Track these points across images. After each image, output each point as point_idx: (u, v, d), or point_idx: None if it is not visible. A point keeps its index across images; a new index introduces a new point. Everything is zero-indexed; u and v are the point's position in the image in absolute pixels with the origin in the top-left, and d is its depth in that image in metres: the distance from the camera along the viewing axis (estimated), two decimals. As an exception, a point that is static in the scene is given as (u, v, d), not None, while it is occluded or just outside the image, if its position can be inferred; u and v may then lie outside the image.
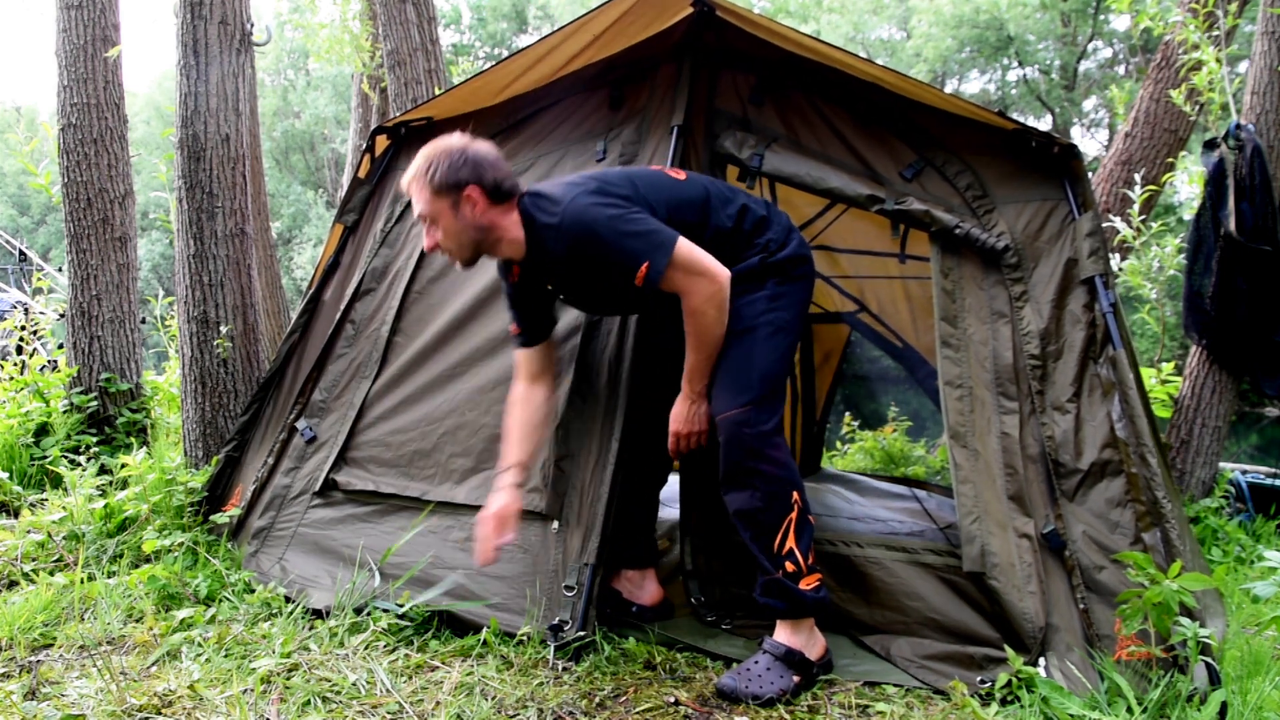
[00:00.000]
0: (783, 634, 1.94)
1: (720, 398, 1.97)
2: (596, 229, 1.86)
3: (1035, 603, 1.99)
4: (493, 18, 30.08)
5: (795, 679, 1.87)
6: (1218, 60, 3.62)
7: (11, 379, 4.14)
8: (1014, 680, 1.86)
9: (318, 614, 2.26)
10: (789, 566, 1.90)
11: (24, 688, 1.81)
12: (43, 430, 3.78)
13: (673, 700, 1.84)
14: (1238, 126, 3.40)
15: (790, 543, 1.91)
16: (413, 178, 1.93)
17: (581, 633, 2.03)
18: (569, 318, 2.43)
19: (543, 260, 1.99)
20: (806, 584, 1.91)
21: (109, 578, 2.50)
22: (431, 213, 1.93)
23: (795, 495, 1.92)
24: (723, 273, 1.91)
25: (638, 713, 1.80)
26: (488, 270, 2.62)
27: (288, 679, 1.87)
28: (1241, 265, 3.35)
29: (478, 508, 2.34)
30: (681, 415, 2.06)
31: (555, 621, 2.05)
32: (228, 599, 2.34)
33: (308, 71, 29.19)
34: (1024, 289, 2.27)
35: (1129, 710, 1.73)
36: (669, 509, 2.64)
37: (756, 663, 1.89)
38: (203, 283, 3.25)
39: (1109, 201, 4.57)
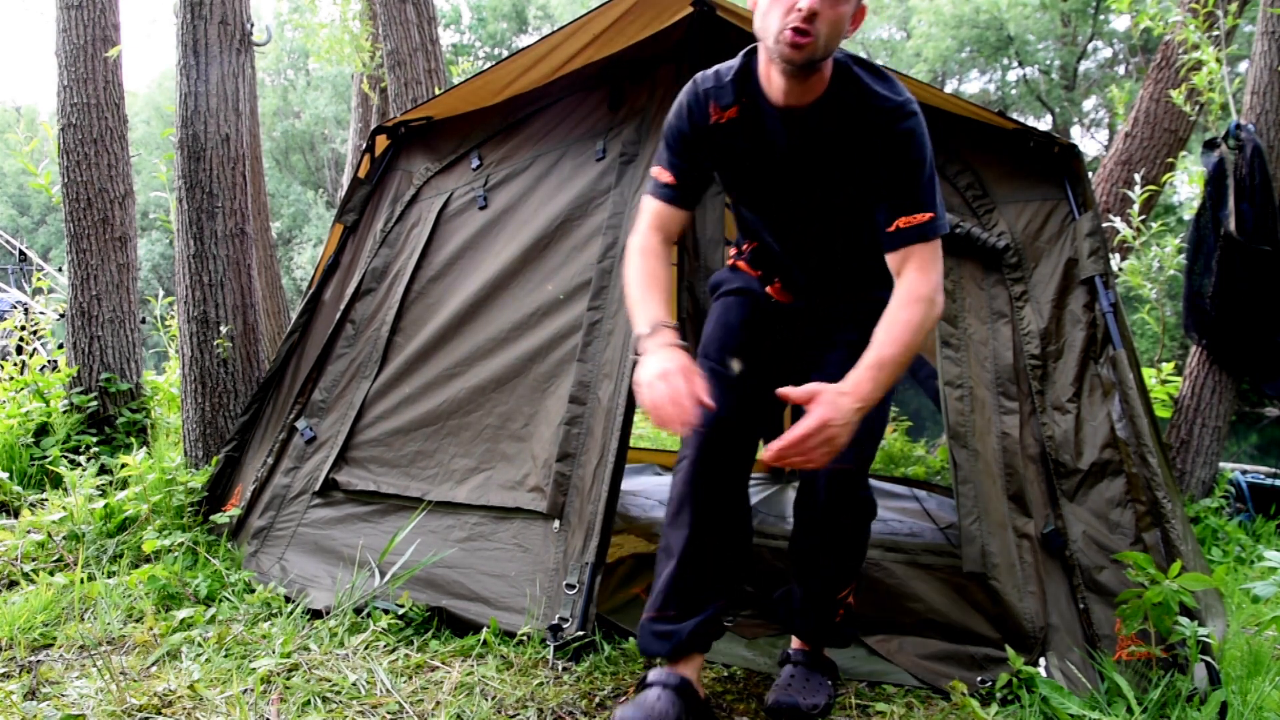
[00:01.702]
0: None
1: (848, 448, 1.51)
2: (924, 143, 1.58)
3: (1035, 603, 1.99)
4: (493, 18, 30.08)
5: (829, 680, 1.86)
6: (1218, 60, 3.62)
7: (11, 379, 4.14)
8: (1014, 680, 1.86)
9: (317, 614, 2.26)
10: (841, 612, 1.86)
11: (24, 688, 1.80)
12: (43, 430, 3.78)
13: (673, 700, 1.84)
14: (1238, 126, 3.40)
15: (849, 595, 1.86)
16: None
17: (581, 632, 2.03)
18: (569, 316, 2.43)
19: (829, 121, 1.59)
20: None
21: (109, 578, 2.49)
22: None
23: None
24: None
25: (638, 713, 1.79)
26: (487, 270, 2.62)
27: (288, 679, 1.87)
28: (1241, 265, 3.35)
29: (479, 507, 2.35)
30: (836, 415, 1.42)
31: (555, 620, 2.05)
32: (228, 599, 2.33)
33: (308, 71, 29.19)
34: (1024, 289, 2.27)
35: (1129, 710, 1.73)
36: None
37: (794, 676, 1.83)
38: (203, 283, 3.25)
39: (1109, 201, 4.57)
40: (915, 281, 1.57)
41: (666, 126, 1.74)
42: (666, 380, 1.45)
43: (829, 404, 1.43)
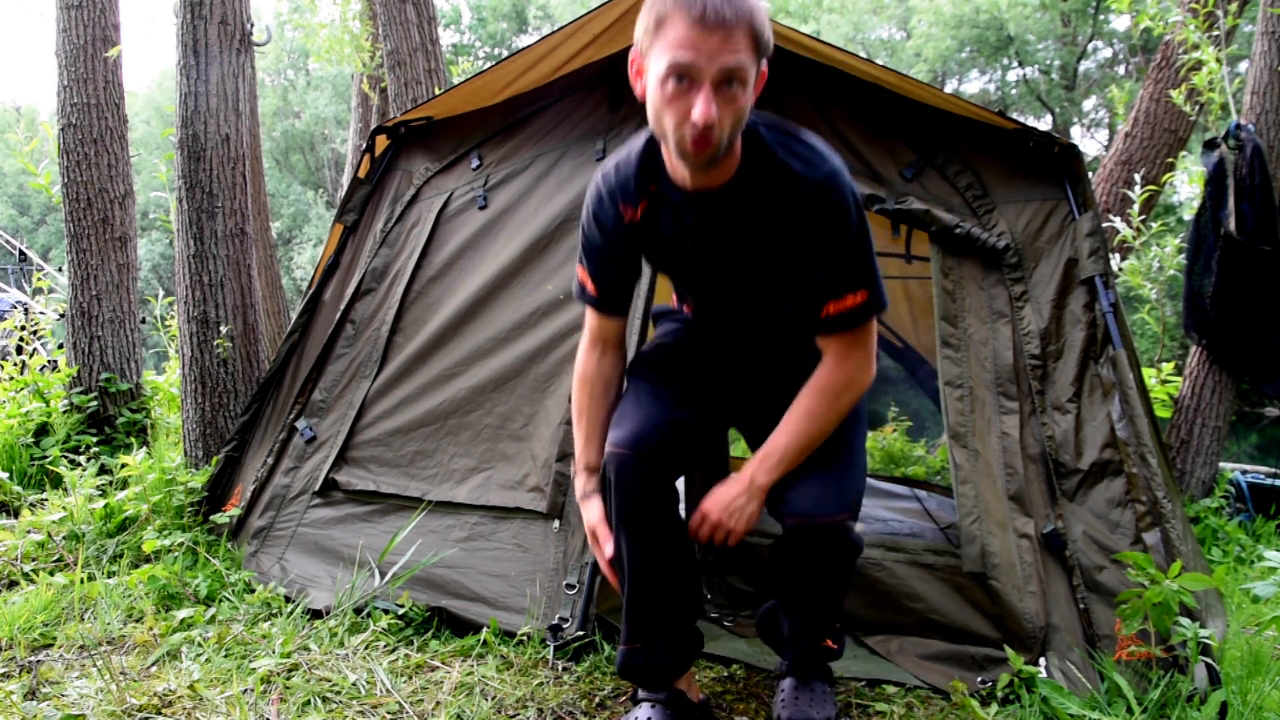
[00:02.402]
0: None
1: (826, 495, 1.52)
2: (852, 215, 1.44)
3: (1035, 603, 1.99)
4: (493, 18, 30.08)
5: (828, 685, 1.79)
6: (1218, 60, 3.62)
7: (11, 379, 4.14)
8: (1014, 680, 1.86)
9: (317, 614, 2.26)
10: (830, 643, 1.75)
11: (24, 688, 1.80)
12: (43, 430, 3.78)
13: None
14: (1238, 126, 3.40)
15: (838, 622, 1.77)
16: (734, 18, 1.26)
17: (581, 632, 2.03)
18: (569, 316, 2.43)
19: (744, 201, 1.47)
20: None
21: (109, 578, 2.49)
22: (740, 72, 1.30)
23: None
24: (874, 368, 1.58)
25: (638, 713, 1.79)
26: (487, 270, 2.62)
27: (288, 679, 1.87)
28: (1241, 265, 3.35)
29: (479, 507, 2.35)
30: (727, 503, 1.54)
31: (555, 620, 2.05)
32: (228, 599, 2.34)
33: (308, 71, 29.20)
34: (1024, 289, 2.27)
35: (1129, 710, 1.73)
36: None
37: (797, 689, 1.72)
38: (203, 283, 3.25)
39: (1109, 201, 4.57)
40: (831, 369, 1.53)
41: (581, 233, 1.68)
42: (594, 539, 1.68)
43: (711, 497, 1.56)
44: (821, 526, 1.50)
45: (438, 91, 4.51)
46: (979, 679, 1.92)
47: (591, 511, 1.69)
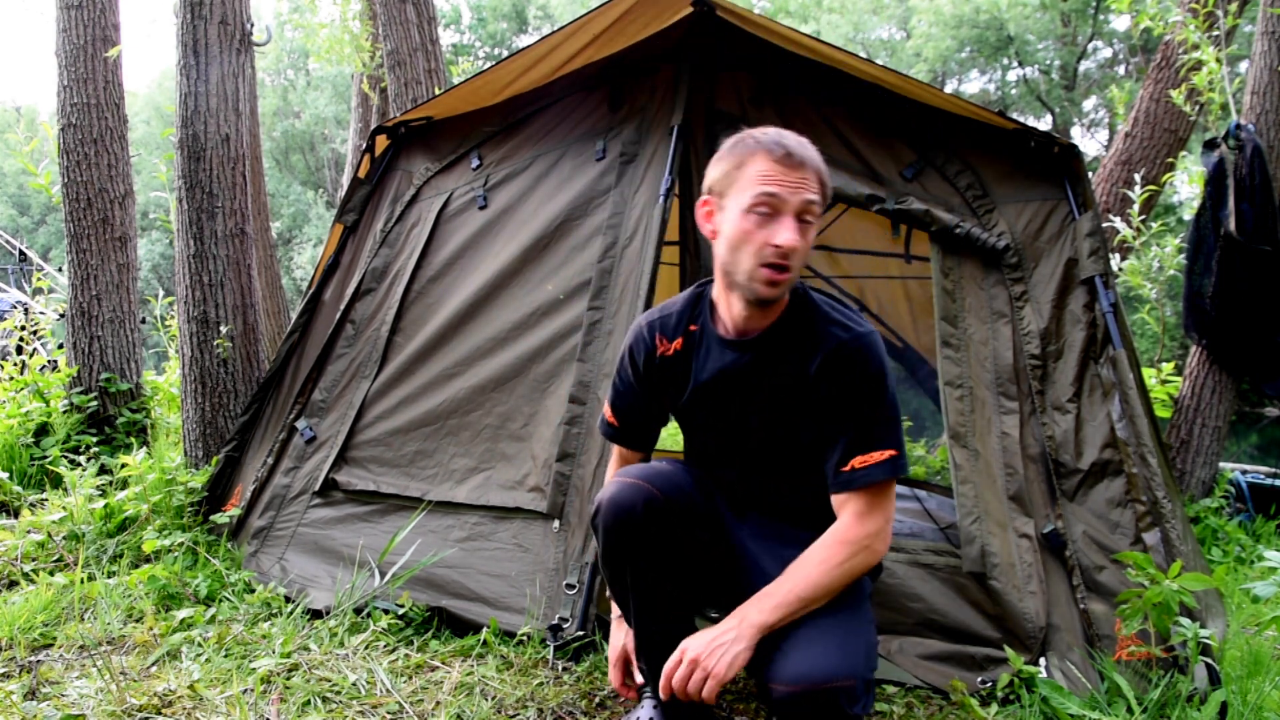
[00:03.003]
0: None
1: (822, 656, 1.32)
2: (886, 373, 1.48)
3: (1036, 603, 1.99)
4: (493, 18, 30.08)
5: None
6: (1218, 60, 3.62)
7: (11, 379, 4.14)
8: (1014, 680, 1.86)
9: (317, 614, 2.26)
10: None
11: (24, 688, 1.80)
12: (43, 430, 3.78)
13: (673, 700, 1.84)
14: (1238, 126, 3.40)
15: None
16: (810, 161, 1.43)
17: (581, 632, 2.03)
18: (569, 316, 2.43)
19: (781, 345, 1.52)
20: None
21: (109, 578, 2.49)
22: (814, 208, 1.43)
23: None
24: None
25: (638, 713, 1.79)
26: (487, 270, 2.62)
27: (288, 679, 1.87)
28: (1241, 265, 3.35)
29: (479, 507, 2.35)
30: (711, 639, 1.36)
31: (555, 620, 2.05)
32: (228, 599, 2.33)
33: (308, 71, 29.19)
34: (1024, 289, 2.27)
35: (1129, 710, 1.73)
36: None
37: None
38: (203, 283, 3.25)
39: (1109, 201, 4.57)
40: (850, 524, 1.44)
41: (616, 369, 1.71)
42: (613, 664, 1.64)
43: (701, 637, 1.37)
44: (815, 691, 1.27)
45: (438, 91, 4.51)
46: (979, 679, 1.92)
47: (616, 637, 1.65)
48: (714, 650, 1.34)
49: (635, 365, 1.65)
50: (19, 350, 5.38)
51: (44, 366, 4.40)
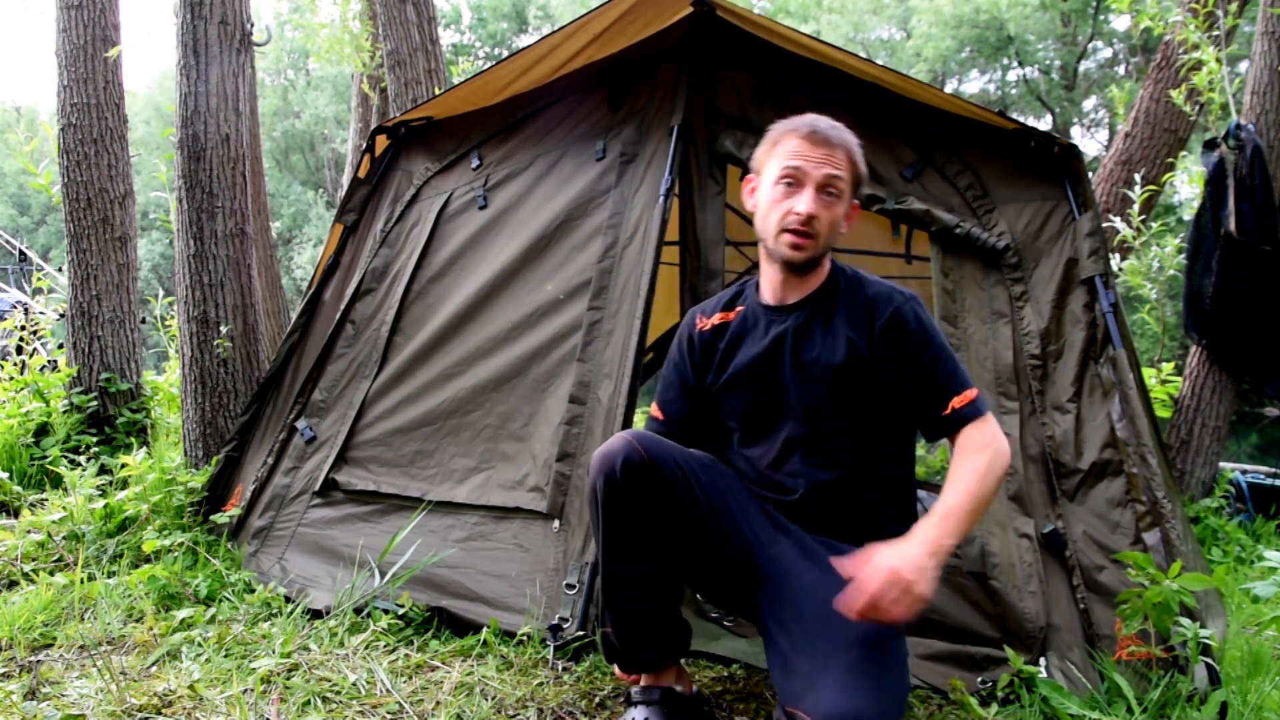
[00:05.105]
0: None
1: (855, 694, 1.28)
2: (936, 326, 1.59)
3: (1036, 603, 1.99)
4: (493, 18, 30.08)
5: None
6: (1218, 60, 3.62)
7: (11, 379, 4.14)
8: (1014, 680, 1.86)
9: (317, 614, 2.26)
10: None
11: (24, 688, 1.80)
12: (43, 430, 3.78)
13: (673, 700, 1.84)
14: (1238, 126, 3.40)
15: None
16: (838, 140, 1.56)
17: (581, 632, 2.02)
18: (569, 316, 2.43)
19: (823, 310, 1.61)
20: None
21: (109, 578, 2.49)
22: (838, 182, 1.55)
23: None
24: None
25: (638, 713, 1.79)
26: (487, 270, 2.62)
27: (288, 679, 1.87)
28: (1241, 265, 3.35)
29: (479, 507, 2.35)
30: (912, 565, 1.33)
31: (555, 620, 2.05)
32: (228, 599, 2.33)
33: (308, 71, 29.20)
34: (1024, 289, 2.27)
35: (1129, 710, 1.73)
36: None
37: None
38: (203, 283, 3.25)
39: (1109, 201, 4.57)
40: (975, 434, 1.49)
41: (665, 361, 1.77)
42: None
43: (896, 554, 1.33)
44: None
45: (438, 91, 4.51)
46: (979, 679, 1.92)
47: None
48: (918, 570, 1.32)
49: (679, 346, 1.79)
50: (19, 350, 5.38)
51: (44, 366, 4.40)
